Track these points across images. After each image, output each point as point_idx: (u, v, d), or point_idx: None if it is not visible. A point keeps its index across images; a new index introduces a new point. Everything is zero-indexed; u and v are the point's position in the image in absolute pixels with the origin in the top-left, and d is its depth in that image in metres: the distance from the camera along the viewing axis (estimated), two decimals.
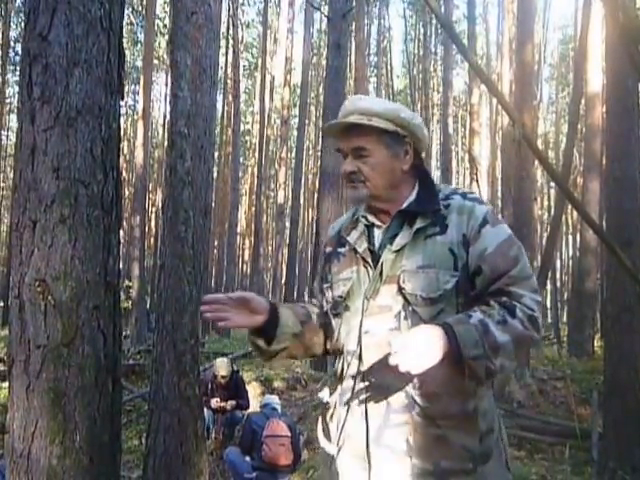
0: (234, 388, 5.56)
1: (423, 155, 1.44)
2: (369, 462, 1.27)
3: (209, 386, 5.45)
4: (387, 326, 1.27)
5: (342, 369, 1.37)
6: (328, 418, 1.40)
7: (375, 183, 1.33)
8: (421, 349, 1.12)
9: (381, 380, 1.26)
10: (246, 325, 1.31)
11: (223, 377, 5.44)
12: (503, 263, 1.26)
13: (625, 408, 4.44)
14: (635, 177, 4.84)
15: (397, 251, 1.29)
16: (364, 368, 1.29)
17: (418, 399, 1.24)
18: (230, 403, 5.42)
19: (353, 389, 1.31)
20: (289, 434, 4.26)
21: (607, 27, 4.59)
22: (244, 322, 1.30)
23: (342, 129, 1.35)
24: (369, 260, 1.33)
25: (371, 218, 1.38)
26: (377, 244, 1.35)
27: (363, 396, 1.29)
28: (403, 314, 1.26)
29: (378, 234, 1.36)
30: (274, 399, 4.91)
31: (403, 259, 1.28)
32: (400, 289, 1.27)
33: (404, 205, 1.34)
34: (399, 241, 1.30)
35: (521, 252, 1.29)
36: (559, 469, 4.93)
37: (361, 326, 1.30)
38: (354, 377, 1.31)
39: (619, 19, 2.37)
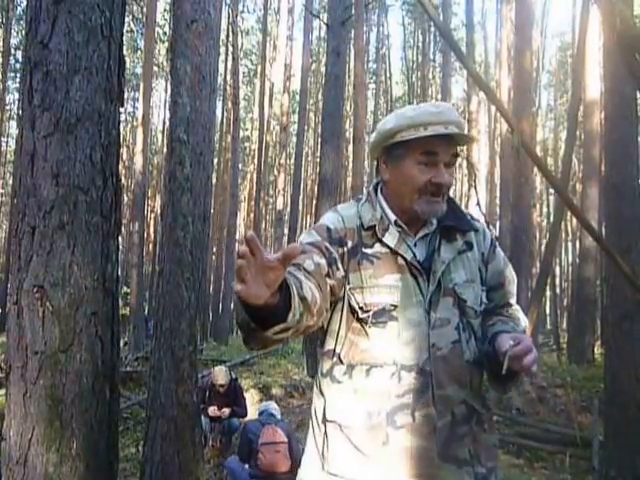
0: (232, 396, 5.54)
1: None
2: (435, 479, 1.22)
3: (207, 393, 5.43)
4: (450, 339, 1.27)
5: (386, 385, 1.24)
6: (358, 440, 1.24)
7: (446, 197, 1.34)
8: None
9: (447, 393, 1.25)
10: (260, 299, 0.93)
11: (222, 386, 5.42)
12: (511, 279, 1.43)
13: (626, 416, 4.42)
14: (634, 184, 4.85)
15: (445, 264, 1.31)
16: (434, 382, 1.24)
17: (476, 406, 1.29)
18: (223, 411, 5.39)
19: (415, 406, 1.23)
20: (285, 440, 4.22)
21: (604, 34, 4.61)
22: (260, 294, 0.92)
23: (443, 137, 1.27)
24: (421, 270, 1.28)
25: (400, 224, 1.33)
26: (418, 254, 1.31)
27: (430, 412, 1.23)
28: (461, 326, 1.29)
29: (410, 243, 1.32)
30: (272, 405, 4.88)
31: (452, 273, 1.31)
32: (459, 302, 1.29)
33: (434, 220, 1.35)
34: (445, 255, 1.31)
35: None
36: (559, 478, 4.92)
37: (429, 340, 1.25)
38: (416, 392, 1.23)
39: (616, 26, 2.38)
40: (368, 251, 1.30)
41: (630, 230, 4.67)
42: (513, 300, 1.43)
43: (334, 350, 1.31)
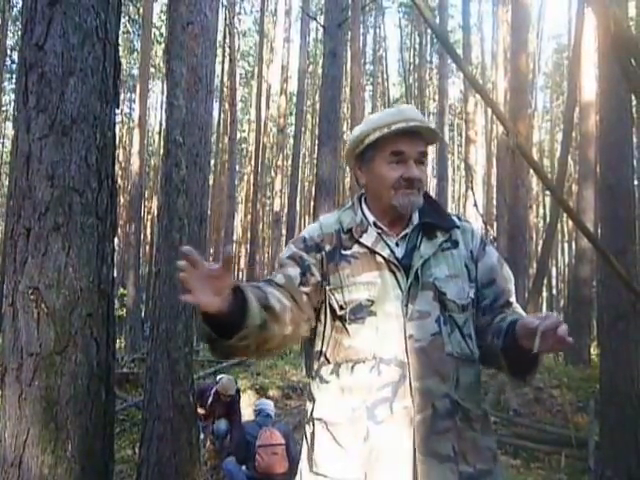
0: (232, 405, 5.60)
1: None
2: (415, 473, 1.21)
3: (209, 399, 5.44)
4: (429, 331, 1.28)
5: (367, 379, 1.26)
6: (341, 437, 1.26)
7: (422, 192, 1.39)
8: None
9: (426, 385, 1.24)
10: (211, 307, 1.01)
11: (229, 396, 5.48)
12: (507, 277, 1.43)
13: (621, 416, 4.43)
14: (629, 185, 4.87)
15: (425, 260, 1.33)
16: (411, 374, 1.24)
17: (462, 402, 1.27)
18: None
19: (393, 398, 1.24)
20: (283, 442, 4.22)
21: (599, 37, 4.64)
22: (210, 301, 1.00)
23: (405, 132, 1.34)
24: (398, 266, 1.32)
25: (380, 225, 1.38)
26: (397, 252, 1.35)
27: (407, 404, 1.23)
28: (442, 319, 1.29)
29: (390, 243, 1.36)
30: (268, 405, 4.87)
31: (432, 268, 1.33)
32: (439, 295, 1.30)
33: (415, 216, 1.40)
34: (425, 251, 1.34)
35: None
36: (555, 478, 4.93)
37: (405, 331, 1.27)
38: (394, 385, 1.24)
39: (610, 29, 2.40)
40: (347, 252, 1.35)
41: (625, 231, 4.69)
42: (513, 299, 1.42)
43: (321, 350, 1.35)
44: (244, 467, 4.35)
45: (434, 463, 1.21)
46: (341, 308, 1.31)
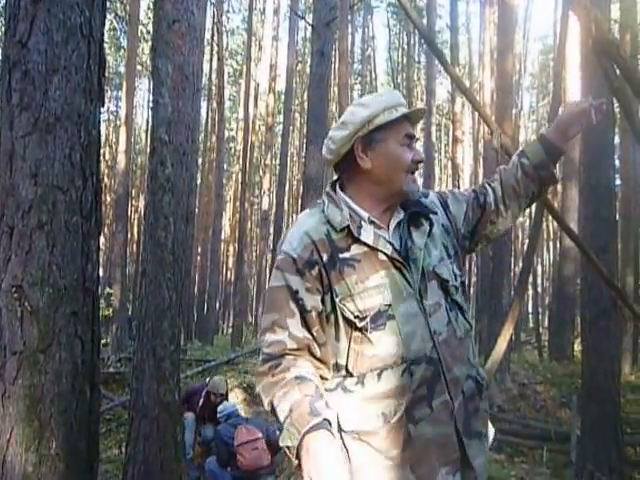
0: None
1: None
2: (467, 459, 1.24)
3: (200, 401, 5.43)
4: (444, 322, 1.29)
5: (399, 383, 1.22)
6: (380, 444, 1.21)
7: None
8: None
9: (455, 374, 1.26)
10: None
11: (221, 395, 5.47)
12: (459, 192, 1.50)
13: (602, 411, 4.52)
14: (610, 185, 4.95)
15: (422, 250, 1.32)
16: (444, 368, 1.25)
17: (478, 378, 1.31)
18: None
19: (431, 396, 1.23)
20: (260, 435, 4.24)
21: (581, 39, 4.70)
22: None
23: (408, 116, 1.35)
24: (403, 262, 1.28)
25: (373, 219, 1.32)
26: (396, 244, 1.31)
27: (446, 398, 1.24)
28: (449, 306, 1.31)
29: (387, 236, 1.32)
30: (233, 406, 4.93)
31: (427, 257, 1.32)
32: (442, 283, 1.31)
33: (399, 205, 1.39)
34: (419, 241, 1.33)
35: None
36: (538, 472, 5.00)
37: (429, 328, 1.26)
38: (429, 383, 1.23)
39: (592, 32, 2.44)
40: (346, 255, 1.27)
41: (607, 230, 4.77)
42: (471, 188, 1.51)
43: (338, 364, 1.28)
44: (228, 469, 4.35)
45: (478, 443, 1.27)
46: (358, 318, 1.24)
